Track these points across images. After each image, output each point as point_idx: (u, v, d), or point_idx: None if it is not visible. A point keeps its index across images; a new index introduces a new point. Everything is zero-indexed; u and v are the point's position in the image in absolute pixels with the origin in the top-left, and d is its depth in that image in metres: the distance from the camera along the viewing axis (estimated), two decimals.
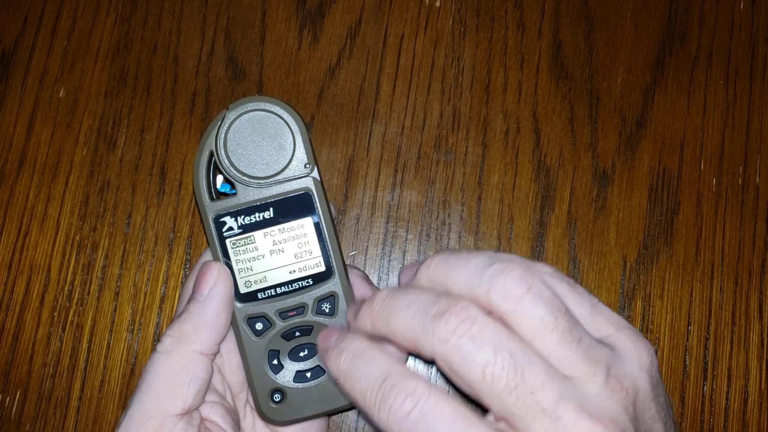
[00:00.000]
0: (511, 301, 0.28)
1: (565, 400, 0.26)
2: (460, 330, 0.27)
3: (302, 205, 0.35)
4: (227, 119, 0.35)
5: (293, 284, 0.35)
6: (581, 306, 0.31)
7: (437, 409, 0.27)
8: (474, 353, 0.27)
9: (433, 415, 0.27)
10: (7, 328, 0.43)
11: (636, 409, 0.28)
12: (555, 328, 0.28)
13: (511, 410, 0.27)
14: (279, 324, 0.35)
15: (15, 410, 0.42)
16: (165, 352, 0.33)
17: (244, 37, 0.47)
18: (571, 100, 0.46)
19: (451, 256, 0.30)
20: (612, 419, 0.27)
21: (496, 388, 0.27)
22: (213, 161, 0.35)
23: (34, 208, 0.45)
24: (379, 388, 0.28)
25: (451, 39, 0.47)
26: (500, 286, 0.28)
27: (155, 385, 0.32)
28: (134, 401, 0.32)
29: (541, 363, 0.27)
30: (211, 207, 0.35)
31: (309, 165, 0.35)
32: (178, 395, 0.32)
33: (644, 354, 0.29)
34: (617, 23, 0.47)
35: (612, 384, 0.28)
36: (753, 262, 0.44)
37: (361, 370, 0.29)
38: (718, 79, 0.46)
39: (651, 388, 0.29)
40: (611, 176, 0.45)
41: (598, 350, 0.29)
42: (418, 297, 0.29)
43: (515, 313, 0.28)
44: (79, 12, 0.47)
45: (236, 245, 0.35)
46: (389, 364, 0.29)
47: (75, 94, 0.46)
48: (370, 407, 0.28)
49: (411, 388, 0.27)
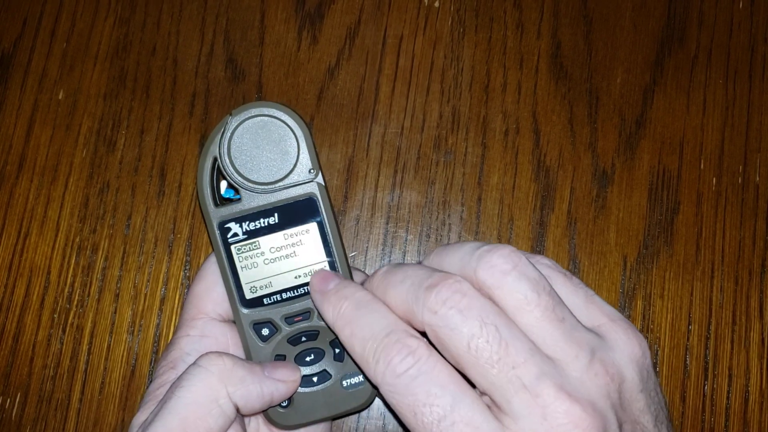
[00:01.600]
0: (496, 276, 0.28)
1: (546, 377, 0.27)
2: (449, 302, 0.28)
3: (307, 210, 0.35)
4: (230, 125, 0.35)
5: (299, 289, 0.35)
6: (575, 296, 0.31)
7: (434, 371, 0.28)
8: (461, 325, 0.27)
9: (430, 376, 0.27)
10: (8, 330, 0.43)
11: (621, 398, 0.28)
12: (537, 304, 0.28)
13: (493, 383, 0.27)
14: (285, 329, 0.36)
15: (15, 412, 0.42)
16: None
17: (243, 39, 0.47)
18: (570, 100, 0.46)
19: (447, 246, 0.31)
20: (591, 402, 0.27)
21: (480, 359, 0.27)
22: (217, 167, 0.35)
23: (33, 210, 0.45)
24: (381, 340, 0.28)
25: (450, 39, 0.47)
26: (487, 262, 0.29)
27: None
28: None
29: (525, 340, 0.28)
30: (216, 213, 0.35)
31: (313, 170, 0.35)
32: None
33: (635, 346, 0.30)
34: (616, 23, 0.47)
35: (595, 368, 0.28)
36: (753, 261, 0.44)
37: (365, 319, 0.30)
38: (718, 78, 0.46)
39: (639, 379, 0.29)
40: (611, 176, 0.45)
41: (583, 333, 0.29)
42: (415, 272, 0.30)
43: (500, 289, 0.28)
44: (78, 14, 0.47)
45: (241, 251, 0.35)
46: (395, 320, 0.29)
47: (74, 96, 0.46)
48: (367, 357, 0.29)
49: (413, 347, 0.28)
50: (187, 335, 0.35)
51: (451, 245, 0.31)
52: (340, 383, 0.36)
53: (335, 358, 0.36)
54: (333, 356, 0.36)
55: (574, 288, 0.31)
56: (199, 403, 0.31)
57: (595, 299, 0.31)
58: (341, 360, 0.36)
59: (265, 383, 0.33)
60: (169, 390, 0.31)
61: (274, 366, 0.34)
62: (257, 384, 0.32)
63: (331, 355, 0.36)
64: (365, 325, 0.30)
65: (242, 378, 0.32)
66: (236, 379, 0.32)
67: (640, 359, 0.30)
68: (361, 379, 0.36)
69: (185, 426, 0.30)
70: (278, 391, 0.33)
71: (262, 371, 0.33)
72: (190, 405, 0.30)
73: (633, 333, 0.30)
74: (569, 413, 0.26)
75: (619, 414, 0.28)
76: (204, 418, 0.30)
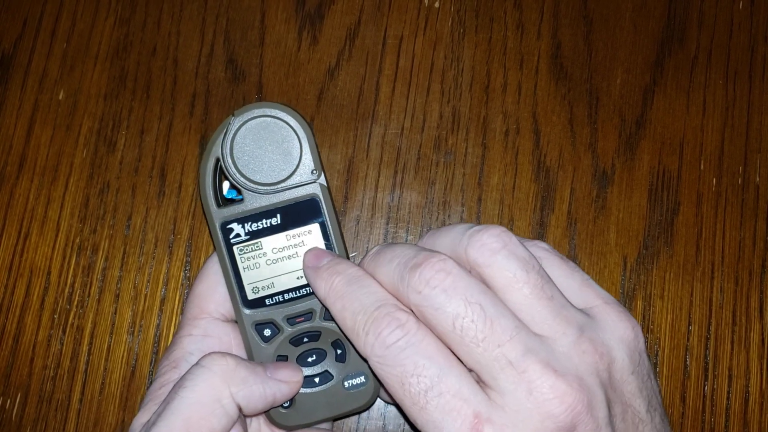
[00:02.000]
0: (486, 255, 0.29)
1: (532, 354, 0.27)
2: (433, 281, 0.28)
3: (309, 211, 0.35)
4: (233, 126, 0.35)
5: (301, 290, 0.36)
6: (571, 278, 0.31)
7: (422, 343, 0.28)
8: (445, 304, 0.28)
9: (418, 348, 0.28)
10: (8, 331, 0.43)
11: (611, 378, 0.29)
12: (526, 282, 0.28)
13: (479, 361, 0.28)
14: (287, 330, 0.36)
15: (15, 413, 0.42)
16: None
17: (243, 39, 0.47)
18: (570, 100, 0.46)
19: (440, 228, 0.32)
20: (578, 377, 0.27)
21: (465, 338, 0.28)
22: (219, 168, 0.35)
23: (34, 211, 0.45)
24: (371, 313, 0.29)
25: (450, 40, 0.47)
26: (477, 240, 0.29)
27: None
28: None
29: (511, 318, 0.28)
30: (218, 214, 0.35)
31: (316, 171, 0.35)
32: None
33: (627, 328, 0.30)
34: (616, 23, 0.47)
35: (583, 345, 0.28)
36: (753, 262, 0.44)
37: (356, 293, 0.30)
38: (718, 78, 0.46)
39: (630, 361, 0.29)
40: (611, 176, 0.45)
41: (572, 311, 0.29)
42: (402, 251, 0.30)
43: (489, 267, 0.29)
44: (78, 14, 0.47)
45: (243, 252, 0.35)
46: (385, 295, 0.30)
47: (74, 96, 0.46)
48: (357, 330, 0.29)
49: (402, 320, 0.28)
50: (190, 335, 0.35)
51: (444, 227, 0.32)
52: (342, 384, 0.36)
53: (337, 359, 0.36)
54: (335, 357, 0.36)
55: (570, 271, 0.32)
56: (202, 403, 0.31)
57: (591, 283, 0.32)
58: (343, 361, 0.36)
59: (268, 384, 0.33)
60: (172, 390, 0.31)
61: (276, 367, 0.34)
62: (260, 384, 0.32)
63: (333, 356, 0.36)
64: (356, 299, 0.30)
65: (245, 378, 0.32)
66: (239, 379, 0.32)
67: (632, 342, 0.30)
68: (363, 379, 0.36)
69: (188, 426, 0.30)
70: (281, 391, 0.33)
71: (264, 372, 0.33)
72: (193, 405, 0.30)
73: (626, 316, 0.30)
74: (555, 388, 0.27)
75: (608, 393, 0.28)
76: (207, 418, 0.30)
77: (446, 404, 0.27)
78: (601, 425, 0.27)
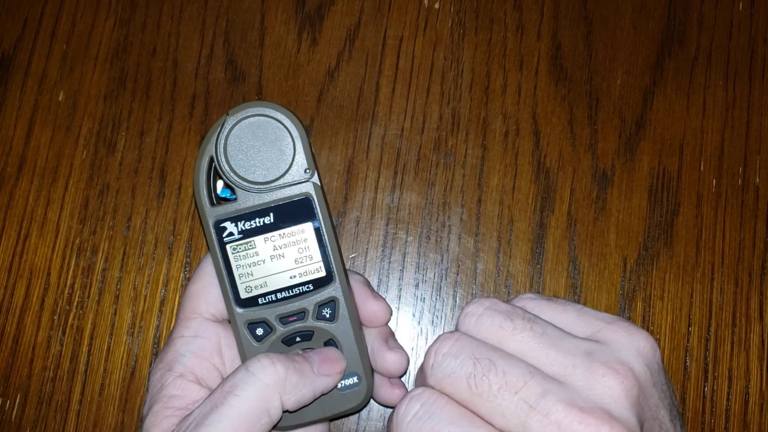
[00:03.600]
0: (473, 322, 0.30)
1: (551, 394, 0.27)
2: (442, 350, 0.29)
3: (302, 210, 0.35)
4: (227, 124, 0.35)
5: (294, 289, 0.35)
6: (565, 313, 0.31)
7: (444, 411, 0.28)
8: (458, 369, 0.28)
9: (440, 416, 0.28)
10: (7, 332, 0.43)
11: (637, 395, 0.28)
12: (515, 328, 0.29)
13: (503, 414, 0.27)
14: (279, 329, 0.35)
15: (15, 414, 0.42)
16: None
17: (243, 40, 0.47)
18: (570, 101, 0.46)
19: None
20: (605, 410, 0.27)
21: (483, 394, 0.27)
22: (213, 166, 0.35)
23: (33, 212, 0.45)
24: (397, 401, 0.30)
25: (450, 41, 0.47)
26: (463, 315, 0.30)
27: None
28: None
29: (522, 365, 0.28)
30: (212, 212, 0.35)
31: (309, 170, 0.35)
32: None
33: (641, 340, 0.29)
34: (616, 24, 0.47)
35: (599, 370, 0.28)
36: (753, 263, 0.44)
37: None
38: (718, 80, 0.46)
39: (651, 373, 0.29)
40: (611, 177, 0.45)
41: (572, 341, 0.29)
42: None
43: (479, 331, 0.30)
44: (78, 15, 0.47)
45: (236, 250, 0.35)
46: None
47: (74, 97, 0.46)
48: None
49: (416, 393, 0.29)
50: (182, 336, 0.35)
51: None
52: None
53: None
54: None
55: (562, 307, 0.32)
56: (251, 413, 0.31)
57: (587, 310, 0.31)
58: None
59: (317, 382, 0.33)
60: (218, 392, 0.32)
61: (322, 360, 0.34)
62: (310, 387, 0.33)
63: None
64: None
65: (296, 384, 0.32)
66: (290, 386, 0.32)
67: (648, 353, 0.29)
68: (355, 380, 0.36)
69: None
70: (327, 386, 0.34)
71: (312, 370, 0.34)
72: (243, 415, 0.31)
73: (635, 329, 0.30)
74: (585, 423, 0.26)
75: (638, 411, 0.28)
76: (254, 425, 0.31)
77: None
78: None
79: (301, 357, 0.34)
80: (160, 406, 0.33)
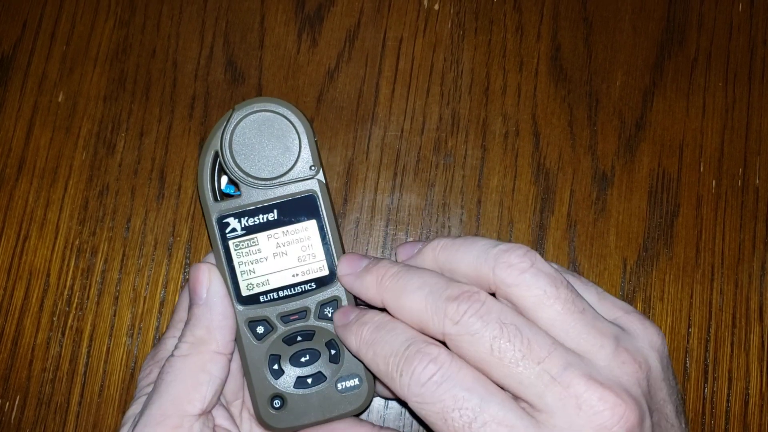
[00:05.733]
0: (515, 274, 0.29)
1: (573, 367, 0.27)
2: (470, 310, 0.28)
3: (306, 207, 0.35)
4: (233, 120, 0.35)
5: (296, 288, 0.35)
6: (587, 293, 0.31)
7: (459, 375, 0.28)
8: (482, 329, 0.28)
9: (455, 380, 0.28)
10: (7, 333, 0.43)
11: (649, 387, 0.28)
12: (557, 297, 0.28)
13: (521, 381, 0.27)
14: (280, 328, 0.35)
15: (15, 415, 0.42)
16: (183, 356, 0.33)
17: (243, 41, 0.47)
18: (570, 102, 0.46)
19: (456, 240, 0.31)
20: (625, 389, 0.27)
21: (504, 360, 0.27)
22: (218, 162, 0.35)
23: (33, 213, 0.45)
24: (402, 354, 0.29)
25: (450, 42, 0.47)
26: (505, 261, 0.29)
27: (174, 386, 0.32)
28: (152, 401, 0.32)
29: (546, 336, 0.28)
30: (215, 208, 0.35)
31: (314, 167, 0.35)
32: (197, 395, 0.32)
33: (654, 335, 0.30)
34: (616, 26, 0.47)
35: (622, 356, 0.28)
36: (753, 264, 0.44)
37: (385, 338, 0.30)
38: (717, 81, 0.46)
39: (662, 368, 0.29)
40: (611, 178, 0.45)
41: (605, 323, 0.29)
42: (431, 279, 0.30)
43: (518, 287, 0.29)
44: (78, 16, 0.47)
45: (239, 247, 0.35)
46: (412, 333, 0.30)
47: (74, 98, 0.46)
48: (392, 372, 0.29)
49: (434, 354, 0.28)
50: (174, 337, 0.35)
51: (460, 241, 0.31)
52: (335, 386, 0.35)
53: (331, 360, 0.35)
54: (329, 358, 0.35)
55: (585, 287, 0.32)
56: (186, 377, 0.33)
57: (607, 295, 0.32)
58: (337, 362, 0.35)
59: (210, 310, 0.35)
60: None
61: (194, 290, 0.35)
62: (210, 319, 0.35)
63: (326, 357, 0.35)
64: (385, 343, 0.30)
65: (207, 331, 0.34)
66: (205, 341, 0.34)
67: (660, 347, 0.30)
68: (356, 382, 0.35)
69: (178, 401, 0.33)
70: (217, 293, 0.35)
71: (200, 308, 0.35)
72: (180, 383, 0.33)
73: (649, 323, 0.30)
74: (604, 399, 0.26)
75: (648, 403, 0.28)
76: (197, 388, 0.33)
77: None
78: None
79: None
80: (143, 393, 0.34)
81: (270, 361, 0.35)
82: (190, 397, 0.32)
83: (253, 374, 0.35)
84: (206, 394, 0.32)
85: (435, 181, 0.45)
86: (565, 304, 0.28)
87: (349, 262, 0.34)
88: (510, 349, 0.27)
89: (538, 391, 0.27)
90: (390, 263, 0.32)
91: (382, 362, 0.29)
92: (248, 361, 0.35)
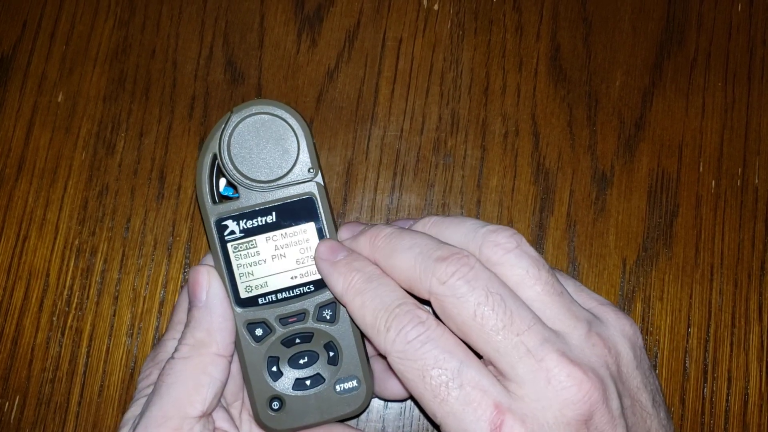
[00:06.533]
0: (500, 253, 0.30)
1: (549, 343, 0.28)
2: (458, 273, 0.29)
3: (305, 210, 0.35)
4: (231, 122, 0.35)
5: (294, 290, 0.35)
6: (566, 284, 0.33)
7: (442, 338, 0.29)
8: (468, 294, 0.29)
9: (438, 342, 0.29)
10: (6, 333, 0.43)
11: (619, 371, 0.30)
12: (538, 278, 0.30)
13: (497, 349, 0.29)
14: (279, 330, 0.35)
15: (14, 415, 0.42)
16: (183, 358, 0.33)
17: (242, 41, 0.47)
18: (569, 102, 0.46)
19: (446, 218, 0.33)
20: (592, 368, 0.29)
21: (486, 327, 0.29)
22: (216, 164, 0.35)
23: (32, 213, 0.45)
24: (392, 310, 0.30)
25: (449, 42, 0.47)
26: (492, 240, 0.30)
27: (175, 388, 0.32)
28: (153, 403, 0.32)
29: (528, 310, 0.29)
30: (213, 210, 0.35)
31: (313, 169, 0.35)
32: (198, 397, 0.32)
33: (626, 325, 0.32)
34: (615, 26, 0.47)
35: (593, 339, 0.30)
36: (752, 264, 0.44)
37: (377, 290, 0.31)
38: (717, 81, 0.46)
39: (634, 356, 0.31)
40: (610, 178, 0.45)
41: (579, 308, 0.31)
42: (423, 241, 0.31)
43: (503, 265, 0.30)
44: (77, 16, 0.47)
45: (238, 249, 0.35)
46: (404, 294, 0.31)
47: (74, 98, 0.46)
48: (378, 326, 0.30)
49: (423, 317, 0.30)
50: (173, 338, 0.36)
51: (450, 219, 0.33)
52: (334, 388, 0.35)
53: (329, 362, 0.35)
54: (327, 360, 0.35)
55: (564, 279, 0.33)
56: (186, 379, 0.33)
57: (585, 289, 0.33)
58: (335, 364, 0.35)
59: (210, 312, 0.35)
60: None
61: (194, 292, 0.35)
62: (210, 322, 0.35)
63: (325, 359, 0.35)
64: (376, 296, 0.31)
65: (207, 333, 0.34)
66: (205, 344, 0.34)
67: (632, 337, 0.31)
68: (355, 384, 0.35)
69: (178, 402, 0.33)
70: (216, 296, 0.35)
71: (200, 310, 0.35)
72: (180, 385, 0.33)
73: (623, 314, 0.32)
74: (572, 376, 0.28)
75: (618, 386, 0.29)
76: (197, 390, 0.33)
77: (467, 396, 0.28)
78: (615, 416, 0.28)
79: None
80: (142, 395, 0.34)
81: (269, 363, 0.35)
82: (191, 399, 0.32)
83: (251, 376, 0.35)
84: (207, 396, 0.32)
85: (434, 181, 0.45)
86: (545, 285, 0.30)
87: (348, 228, 0.35)
88: (492, 318, 0.29)
89: (511, 361, 0.28)
90: (384, 225, 0.33)
91: (370, 314, 0.30)
92: (247, 363, 0.35)
